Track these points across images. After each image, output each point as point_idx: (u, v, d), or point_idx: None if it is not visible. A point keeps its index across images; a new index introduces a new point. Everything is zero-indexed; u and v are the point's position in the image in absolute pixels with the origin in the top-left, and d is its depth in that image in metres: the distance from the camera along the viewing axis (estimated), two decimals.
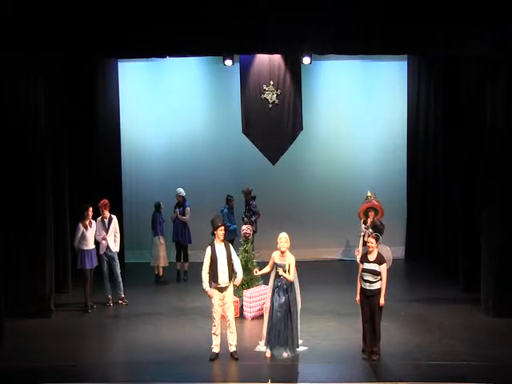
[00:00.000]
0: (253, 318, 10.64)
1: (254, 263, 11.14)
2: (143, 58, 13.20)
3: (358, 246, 11.70)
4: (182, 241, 13.21)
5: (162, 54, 11.05)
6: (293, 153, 13.10)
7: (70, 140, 12.34)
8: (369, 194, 11.79)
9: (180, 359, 8.97)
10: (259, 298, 10.69)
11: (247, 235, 11.28)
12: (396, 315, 10.61)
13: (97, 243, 11.42)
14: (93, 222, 11.30)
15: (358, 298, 8.90)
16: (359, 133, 14.64)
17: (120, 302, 11.57)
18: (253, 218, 12.96)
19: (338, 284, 12.45)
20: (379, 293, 8.73)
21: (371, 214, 11.49)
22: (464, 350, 9.13)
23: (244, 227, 11.52)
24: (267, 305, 9.18)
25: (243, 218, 13.21)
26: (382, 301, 8.73)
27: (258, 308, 10.70)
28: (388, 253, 9.35)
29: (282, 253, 9.00)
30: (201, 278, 9.01)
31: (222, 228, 9.09)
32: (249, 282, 11.01)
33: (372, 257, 8.80)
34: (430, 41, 10.16)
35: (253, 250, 11.45)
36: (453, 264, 12.50)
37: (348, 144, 14.68)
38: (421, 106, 14.26)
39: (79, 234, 11.14)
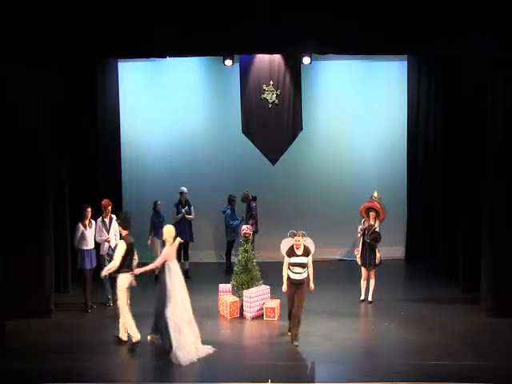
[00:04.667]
0: (253, 318, 10.63)
1: (254, 263, 11.14)
2: (143, 58, 13.19)
3: (358, 246, 11.67)
4: (186, 238, 13.11)
5: (162, 54, 11.06)
6: (293, 153, 13.12)
7: (70, 140, 12.33)
8: (375, 194, 11.73)
9: None
10: (259, 298, 10.72)
11: (247, 235, 11.26)
12: (396, 315, 10.63)
13: (97, 243, 11.41)
14: (92, 221, 11.30)
15: (285, 287, 9.57)
16: (359, 133, 14.63)
17: None
18: (250, 222, 12.91)
19: (338, 284, 12.45)
20: (308, 280, 9.61)
21: (372, 214, 11.45)
22: (464, 350, 9.13)
23: (244, 227, 11.50)
24: None
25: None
26: (311, 286, 9.64)
27: (257, 308, 10.70)
28: (311, 244, 9.96)
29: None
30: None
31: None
32: (249, 281, 11.00)
33: (299, 251, 9.60)
34: (430, 41, 10.17)
35: (253, 250, 11.44)
36: (453, 264, 12.50)
37: (348, 144, 14.67)
38: (421, 106, 14.24)
39: (78, 234, 11.14)
